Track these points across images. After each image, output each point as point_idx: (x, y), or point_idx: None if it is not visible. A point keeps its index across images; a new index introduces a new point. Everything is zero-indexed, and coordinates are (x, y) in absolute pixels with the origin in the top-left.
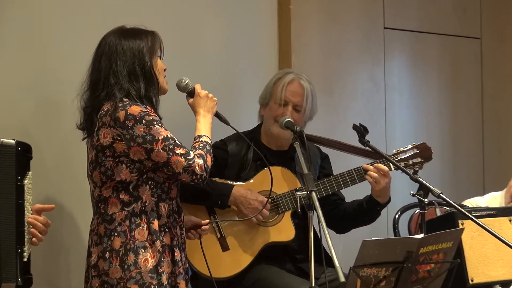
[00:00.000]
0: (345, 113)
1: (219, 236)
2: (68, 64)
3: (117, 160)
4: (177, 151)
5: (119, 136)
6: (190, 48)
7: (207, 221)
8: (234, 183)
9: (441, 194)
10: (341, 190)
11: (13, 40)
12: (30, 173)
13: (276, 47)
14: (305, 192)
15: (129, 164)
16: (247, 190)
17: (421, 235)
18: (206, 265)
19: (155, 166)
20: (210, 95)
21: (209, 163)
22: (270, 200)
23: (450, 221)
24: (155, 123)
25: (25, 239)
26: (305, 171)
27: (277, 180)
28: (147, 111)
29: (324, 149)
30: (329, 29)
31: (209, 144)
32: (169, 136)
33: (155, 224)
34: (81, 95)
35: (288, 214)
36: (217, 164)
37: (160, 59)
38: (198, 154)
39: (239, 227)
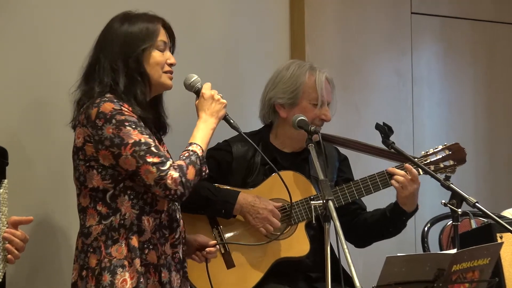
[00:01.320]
0: (367, 110)
1: (223, 251)
2: (60, 64)
3: (88, 164)
4: (149, 159)
5: (89, 137)
6: (191, 37)
7: (214, 242)
8: (240, 189)
9: (476, 203)
10: (362, 198)
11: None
12: (5, 181)
13: (288, 35)
14: (321, 201)
15: (100, 170)
16: (255, 197)
17: (454, 250)
18: (210, 285)
19: (127, 174)
20: (217, 97)
21: (190, 176)
22: (281, 209)
23: (487, 234)
24: (126, 124)
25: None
26: (321, 177)
27: (289, 186)
28: (120, 110)
29: (342, 150)
30: (347, 14)
31: (197, 154)
32: (142, 140)
33: (134, 240)
34: (76, 86)
35: (302, 226)
36: (220, 168)
37: (165, 51)
38: (177, 165)
39: (246, 241)
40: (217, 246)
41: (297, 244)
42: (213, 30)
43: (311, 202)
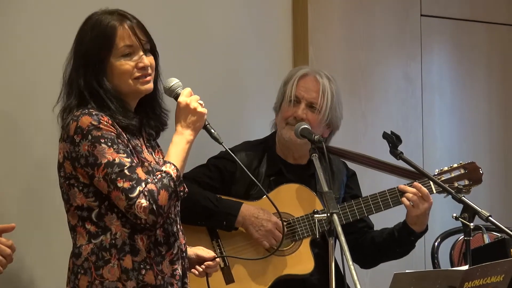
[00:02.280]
0: (374, 118)
1: (222, 265)
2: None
3: (68, 182)
4: (119, 184)
5: (67, 153)
6: (188, 40)
7: (213, 255)
8: (243, 201)
9: (490, 217)
10: (370, 216)
11: None
12: None
13: (290, 38)
14: (325, 215)
15: (81, 188)
16: (259, 209)
17: (466, 267)
18: None
19: None
20: (194, 106)
21: (162, 202)
22: (285, 223)
23: (501, 249)
24: (102, 141)
25: None
26: (325, 188)
27: (292, 200)
28: (97, 125)
29: (350, 165)
30: (354, 16)
31: (171, 176)
32: (116, 161)
33: (127, 261)
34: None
35: (306, 242)
36: (223, 178)
37: (134, 55)
38: (147, 190)
39: (248, 255)
40: (218, 259)
41: (300, 261)
42: (215, 33)
43: (315, 216)
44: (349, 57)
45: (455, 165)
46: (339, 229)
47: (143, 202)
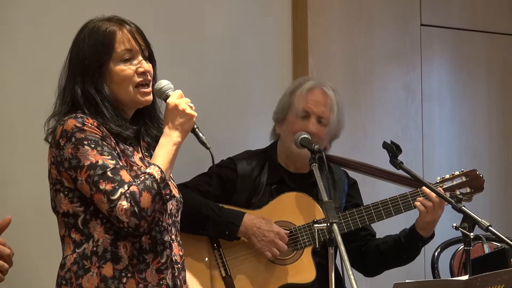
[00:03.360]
0: (373, 128)
1: (224, 274)
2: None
3: (54, 188)
4: (101, 186)
5: (54, 158)
6: (188, 51)
7: None
8: (245, 210)
9: (490, 227)
10: (372, 224)
11: None
12: None
13: (290, 48)
14: (325, 224)
15: (66, 193)
16: (261, 219)
17: (466, 277)
18: None
19: None
20: (182, 107)
21: (144, 204)
22: (288, 232)
23: (501, 259)
24: (85, 142)
25: None
26: (325, 198)
27: (294, 208)
28: (81, 127)
29: (351, 174)
30: (354, 26)
31: (154, 177)
32: (99, 162)
33: (106, 269)
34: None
35: (308, 251)
36: (224, 186)
37: (134, 59)
38: (129, 192)
39: (248, 264)
40: (216, 262)
41: (303, 270)
42: (215, 44)
43: (314, 225)
44: (349, 67)
45: (457, 172)
46: (339, 238)
47: (124, 204)
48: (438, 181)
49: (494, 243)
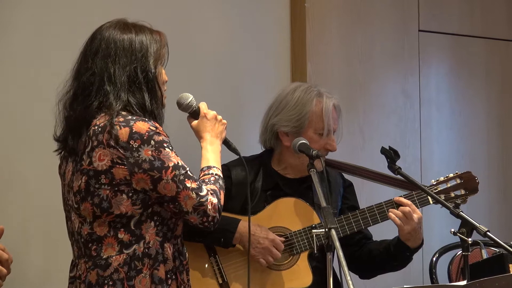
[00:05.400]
0: (371, 134)
1: (220, 281)
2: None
3: (116, 189)
4: (188, 184)
5: (120, 159)
6: (186, 54)
7: None
8: (240, 217)
9: (488, 232)
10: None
11: None
12: None
13: (288, 53)
14: (323, 230)
15: (131, 194)
16: (256, 226)
17: (464, 282)
18: None
19: (160, 199)
20: (219, 117)
21: (222, 202)
22: (283, 239)
23: (499, 265)
24: (165, 145)
25: None
26: (323, 204)
27: (290, 214)
28: (156, 130)
29: (346, 176)
30: (352, 31)
31: (222, 178)
32: (179, 163)
33: (161, 271)
34: (62, 99)
35: (304, 256)
36: None
37: (163, 68)
38: (212, 190)
39: (245, 271)
40: (213, 269)
41: (299, 275)
42: (213, 49)
43: (313, 231)
44: (347, 72)
45: (451, 175)
46: (337, 244)
47: (213, 199)
48: (433, 183)
49: (492, 248)
